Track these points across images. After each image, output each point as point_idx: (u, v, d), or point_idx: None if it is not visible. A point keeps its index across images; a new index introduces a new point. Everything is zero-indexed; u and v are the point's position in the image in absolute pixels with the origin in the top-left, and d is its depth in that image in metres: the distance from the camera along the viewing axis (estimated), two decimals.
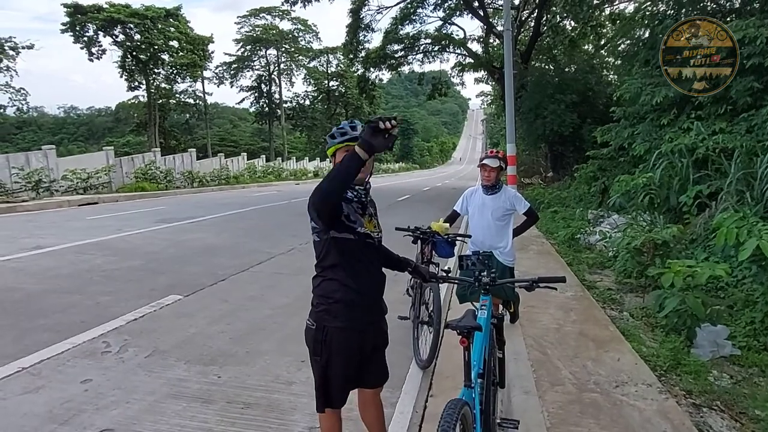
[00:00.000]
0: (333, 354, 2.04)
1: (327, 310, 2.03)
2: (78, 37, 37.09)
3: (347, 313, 2.03)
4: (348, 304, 2.02)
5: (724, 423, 2.85)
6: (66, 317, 4.60)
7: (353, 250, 2.03)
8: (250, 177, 30.34)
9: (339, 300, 2.02)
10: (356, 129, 2.03)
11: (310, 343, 2.09)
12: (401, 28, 25.50)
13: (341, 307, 2.02)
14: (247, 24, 55.92)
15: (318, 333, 2.04)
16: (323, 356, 2.05)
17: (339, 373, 2.07)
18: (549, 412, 2.70)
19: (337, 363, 2.05)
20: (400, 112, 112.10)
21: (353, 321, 2.05)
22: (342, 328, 2.03)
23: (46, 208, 14.18)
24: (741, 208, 5.40)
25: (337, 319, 2.02)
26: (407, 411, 3.03)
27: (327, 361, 2.05)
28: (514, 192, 3.84)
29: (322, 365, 2.07)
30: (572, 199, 12.75)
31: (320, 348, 2.05)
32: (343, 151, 1.98)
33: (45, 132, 72.88)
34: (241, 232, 9.72)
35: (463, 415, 1.71)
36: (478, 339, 2.04)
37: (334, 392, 2.11)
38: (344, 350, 2.05)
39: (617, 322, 4.37)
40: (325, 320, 2.03)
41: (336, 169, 1.78)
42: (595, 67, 19.00)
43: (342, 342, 2.04)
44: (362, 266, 2.07)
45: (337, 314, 2.02)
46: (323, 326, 2.04)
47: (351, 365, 2.09)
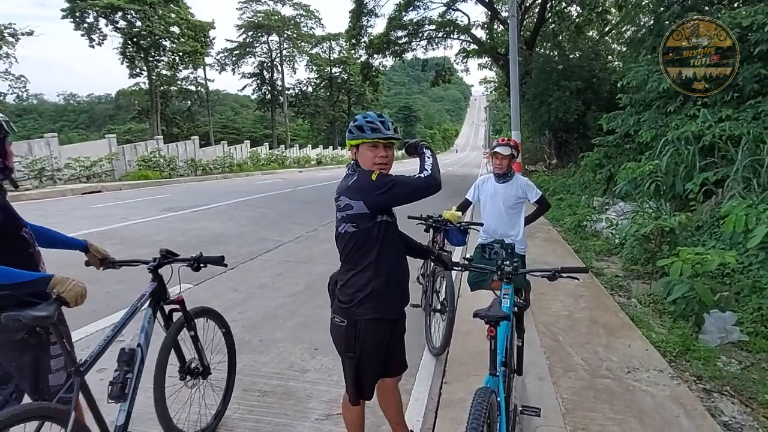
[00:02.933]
0: (366, 348, 2.06)
1: (359, 303, 2.03)
2: (78, 23, 36.68)
3: (380, 303, 2.04)
4: (380, 294, 2.04)
5: (735, 408, 2.88)
6: (77, 307, 4.64)
7: (391, 235, 2.08)
8: (253, 165, 30.31)
9: (371, 292, 2.03)
10: (387, 126, 2.05)
11: (342, 341, 2.09)
12: (405, 14, 25.25)
13: (374, 298, 2.03)
14: (249, 9, 55.40)
15: (350, 329, 2.05)
16: (356, 351, 2.06)
17: (371, 366, 2.10)
18: (563, 398, 2.74)
19: (370, 356, 2.08)
20: (403, 98, 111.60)
21: (386, 311, 2.07)
22: (375, 319, 2.04)
23: (49, 196, 14.21)
24: (748, 195, 5.40)
25: (369, 311, 2.03)
26: (423, 398, 3.08)
27: (360, 355, 2.07)
28: (526, 180, 3.82)
29: (356, 361, 2.08)
30: (577, 187, 12.72)
31: (353, 343, 2.06)
32: (369, 147, 2.04)
33: (45, 119, 72.86)
34: (247, 220, 9.75)
35: (490, 404, 1.75)
36: (504, 328, 2.07)
37: (366, 386, 2.13)
38: (376, 342, 2.07)
39: (626, 309, 4.41)
40: (356, 314, 2.04)
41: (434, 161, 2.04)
42: (600, 53, 18.81)
43: (375, 334, 2.05)
44: (395, 252, 2.11)
45: (369, 306, 2.03)
46: (355, 321, 2.04)
47: (381, 357, 2.12)
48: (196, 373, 2.57)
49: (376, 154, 2.04)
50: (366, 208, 1.98)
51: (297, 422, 2.79)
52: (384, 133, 2.02)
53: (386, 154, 2.06)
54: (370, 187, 1.97)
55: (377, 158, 2.04)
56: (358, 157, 2.08)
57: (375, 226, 2.02)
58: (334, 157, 46.02)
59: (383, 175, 1.99)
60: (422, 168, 2.00)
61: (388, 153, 2.07)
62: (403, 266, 2.18)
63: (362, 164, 2.08)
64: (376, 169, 2.04)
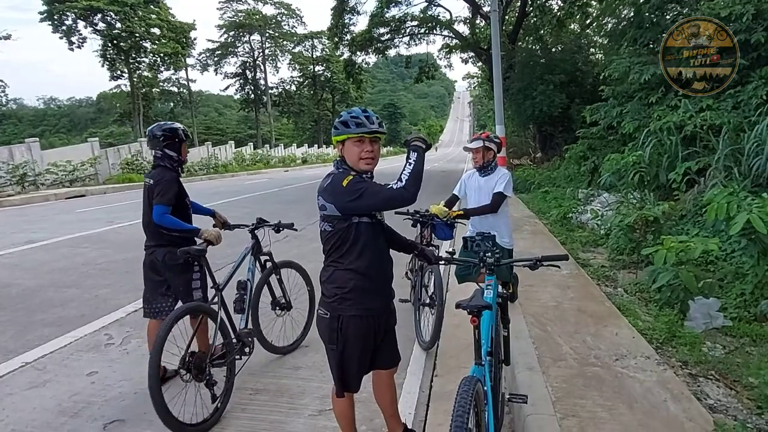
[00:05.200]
0: (348, 342, 2.07)
1: (341, 299, 2.05)
2: (57, 26, 36.01)
3: (361, 300, 2.06)
4: (361, 291, 2.05)
5: (720, 391, 2.94)
6: (65, 311, 4.59)
7: (369, 235, 2.06)
8: (238, 165, 30.10)
9: (352, 289, 2.04)
10: (372, 120, 2.03)
11: (325, 333, 2.11)
12: (387, 11, 25.15)
13: (355, 295, 2.04)
14: (230, 9, 54.85)
15: (332, 322, 2.07)
16: (339, 345, 2.08)
17: (355, 360, 2.11)
18: (553, 386, 2.78)
19: (354, 350, 2.09)
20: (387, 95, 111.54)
21: (367, 308, 2.08)
22: (357, 316, 2.06)
23: (32, 202, 13.97)
24: (729, 184, 5.49)
25: (351, 307, 2.05)
26: (414, 391, 3.10)
27: (343, 349, 2.09)
28: (503, 172, 3.77)
29: (338, 353, 2.10)
30: (562, 179, 12.84)
31: (336, 336, 2.08)
32: (354, 142, 2.03)
33: (25, 124, 71.45)
34: (234, 221, 9.66)
35: (476, 392, 1.77)
36: (487, 317, 2.09)
37: (350, 378, 2.15)
38: (360, 338, 2.08)
39: (613, 298, 4.47)
40: (339, 309, 2.06)
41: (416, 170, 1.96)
42: (582, 46, 18.97)
43: (357, 330, 2.07)
44: (375, 251, 2.10)
45: (351, 303, 2.05)
46: (338, 315, 2.06)
47: (367, 351, 2.13)
48: (282, 306, 3.64)
49: (362, 149, 2.03)
50: (337, 210, 2.01)
51: (291, 418, 2.79)
52: (369, 127, 2.01)
53: (372, 148, 2.06)
54: (340, 192, 1.98)
55: (363, 153, 2.04)
56: (344, 153, 2.07)
57: (351, 227, 2.03)
58: (319, 156, 45.82)
59: (355, 182, 1.98)
60: (399, 176, 1.94)
61: (374, 147, 2.07)
62: (385, 264, 2.19)
63: (348, 160, 2.07)
64: (362, 165, 2.05)
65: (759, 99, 6.63)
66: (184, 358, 2.71)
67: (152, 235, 3.11)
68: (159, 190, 2.97)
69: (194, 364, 2.73)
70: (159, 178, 3.02)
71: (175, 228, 3.00)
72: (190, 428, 2.58)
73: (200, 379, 2.75)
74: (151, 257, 3.10)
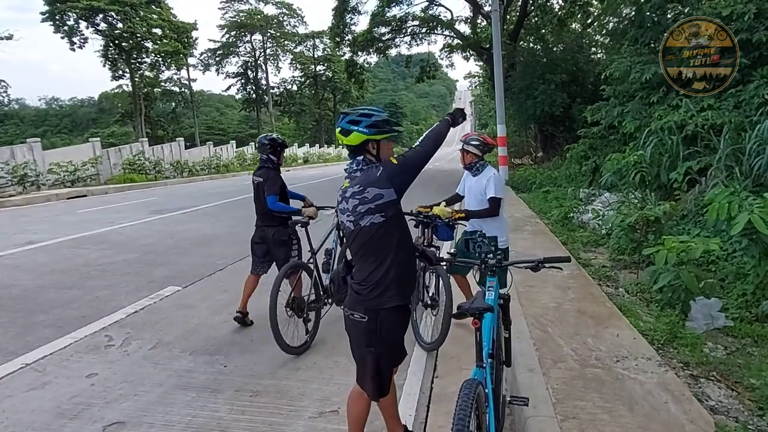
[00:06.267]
0: (388, 338, 2.10)
1: (383, 292, 2.05)
2: (58, 26, 36.00)
3: (402, 291, 2.10)
4: (401, 281, 2.10)
5: (721, 392, 2.93)
6: (66, 312, 4.59)
7: (405, 223, 2.17)
8: (240, 165, 30.08)
9: (392, 280, 2.06)
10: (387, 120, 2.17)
11: (363, 337, 2.10)
12: (388, 10, 25.15)
13: (395, 286, 2.07)
14: (231, 9, 54.82)
15: (371, 323, 2.06)
16: (378, 345, 2.08)
17: (390, 357, 2.15)
18: (554, 388, 2.77)
19: (391, 346, 2.12)
20: (388, 95, 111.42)
21: (405, 297, 2.12)
22: (398, 306, 2.09)
23: (34, 202, 13.98)
24: (731, 183, 5.48)
25: (392, 299, 2.06)
26: (414, 392, 3.09)
27: (382, 348, 2.09)
28: (492, 174, 3.73)
29: (377, 354, 2.09)
30: (563, 179, 12.80)
31: (375, 337, 2.08)
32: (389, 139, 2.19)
33: (27, 125, 71.36)
34: (235, 221, 9.68)
35: (478, 395, 1.76)
36: (488, 320, 2.08)
37: (386, 379, 2.16)
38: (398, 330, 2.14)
39: (614, 299, 4.46)
40: (379, 304, 2.06)
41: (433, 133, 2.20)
42: (584, 46, 18.92)
43: (397, 321, 2.11)
44: (408, 240, 2.19)
45: (392, 295, 2.06)
46: (377, 313, 2.06)
47: (401, 344, 2.18)
48: None
49: (391, 146, 2.21)
50: (395, 193, 2.05)
51: (291, 420, 2.78)
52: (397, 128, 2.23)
53: None
54: (392, 171, 2.05)
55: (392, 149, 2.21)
56: (381, 150, 2.14)
57: (398, 214, 2.10)
58: (320, 156, 45.77)
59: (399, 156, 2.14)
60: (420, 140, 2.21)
61: None
62: (414, 253, 2.28)
63: (385, 157, 2.15)
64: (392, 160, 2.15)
65: (760, 98, 6.61)
66: (288, 301, 3.72)
67: (264, 217, 4.14)
68: (268, 185, 4.00)
69: (296, 306, 3.75)
70: (266, 177, 4.05)
71: (284, 211, 4.04)
72: (292, 349, 3.60)
73: (299, 316, 3.76)
74: (263, 233, 4.16)
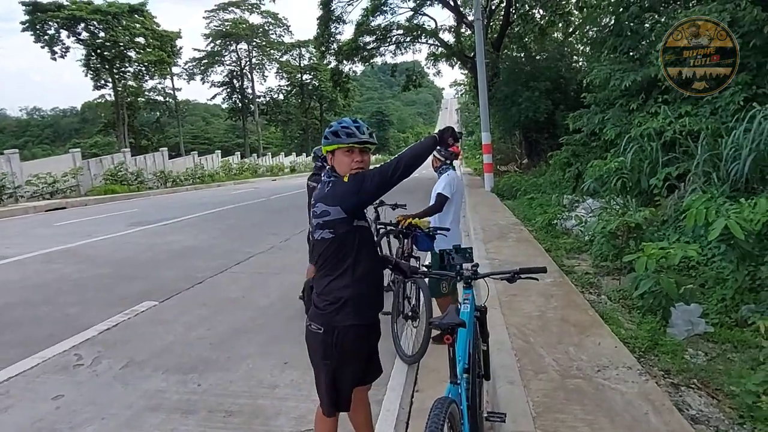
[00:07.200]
0: (345, 355, 2.03)
1: (338, 309, 2.01)
2: (39, 36, 35.59)
3: (358, 309, 2.03)
4: (358, 300, 2.03)
5: (702, 400, 2.91)
6: (34, 331, 4.43)
7: (367, 239, 2.07)
8: (225, 174, 29.89)
9: (349, 297, 2.01)
10: (362, 131, 2.04)
11: (318, 349, 2.05)
12: (372, 20, 25.25)
13: (352, 304, 2.01)
14: (216, 18, 54.63)
15: (327, 336, 2.02)
16: (334, 360, 2.03)
17: (349, 374, 2.07)
18: (534, 401, 2.71)
19: (350, 363, 2.05)
20: (375, 103, 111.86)
21: (364, 317, 2.05)
22: (355, 326, 2.02)
23: (10, 215, 13.67)
24: (708, 189, 5.52)
25: (348, 317, 2.01)
26: (394, 408, 3.02)
27: (339, 363, 2.04)
28: (445, 174, 4.00)
29: (333, 368, 2.04)
30: (548, 186, 12.88)
31: (331, 351, 2.02)
32: (344, 152, 2.05)
33: (7, 135, 70.12)
34: (218, 233, 9.55)
35: (451, 413, 1.70)
36: (462, 335, 2.02)
37: (342, 395, 2.10)
38: (356, 349, 2.05)
39: (596, 306, 4.44)
40: (335, 321, 2.01)
41: (412, 150, 2.02)
42: (565, 54, 19.18)
43: (354, 341, 2.04)
44: (372, 256, 2.11)
45: (348, 312, 2.01)
46: (333, 328, 2.01)
47: (361, 363, 2.10)
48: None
49: (352, 159, 2.05)
50: (343, 212, 1.98)
51: None
52: (359, 137, 2.02)
53: (362, 158, 2.07)
54: (342, 190, 1.98)
55: (353, 163, 2.05)
56: (335, 163, 2.08)
57: (352, 231, 2.02)
58: (307, 165, 45.68)
59: (353, 175, 2.01)
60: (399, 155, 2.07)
61: (364, 158, 2.08)
62: (379, 271, 2.19)
63: (339, 170, 2.08)
64: None
65: (736, 105, 6.71)
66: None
67: None
68: None
69: None
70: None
71: None
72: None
73: None
74: None
